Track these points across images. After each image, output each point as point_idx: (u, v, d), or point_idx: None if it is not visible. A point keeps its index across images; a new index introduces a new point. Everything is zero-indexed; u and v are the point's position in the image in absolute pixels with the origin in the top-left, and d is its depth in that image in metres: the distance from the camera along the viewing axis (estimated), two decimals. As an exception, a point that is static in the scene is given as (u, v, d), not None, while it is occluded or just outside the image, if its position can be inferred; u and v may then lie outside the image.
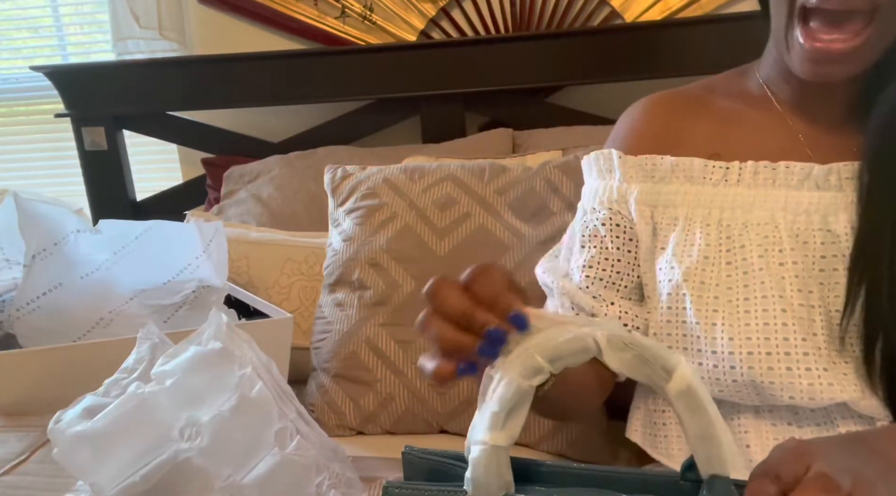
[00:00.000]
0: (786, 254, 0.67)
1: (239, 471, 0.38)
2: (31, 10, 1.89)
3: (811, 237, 0.68)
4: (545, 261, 0.83)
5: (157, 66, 1.64)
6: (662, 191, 0.73)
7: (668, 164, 0.73)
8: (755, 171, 0.70)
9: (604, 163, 0.78)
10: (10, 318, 0.93)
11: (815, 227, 0.68)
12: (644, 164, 0.74)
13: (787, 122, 0.73)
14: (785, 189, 0.70)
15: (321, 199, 1.33)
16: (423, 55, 1.55)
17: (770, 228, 0.69)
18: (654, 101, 0.80)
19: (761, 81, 0.76)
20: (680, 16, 1.54)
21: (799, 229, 0.68)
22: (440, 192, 1.14)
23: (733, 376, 0.67)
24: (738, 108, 0.76)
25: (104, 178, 1.72)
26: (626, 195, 0.75)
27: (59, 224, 0.95)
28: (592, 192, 0.79)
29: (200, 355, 0.40)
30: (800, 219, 0.69)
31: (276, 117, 1.72)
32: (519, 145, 1.55)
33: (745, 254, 0.68)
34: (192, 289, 1.00)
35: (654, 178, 0.74)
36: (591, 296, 0.74)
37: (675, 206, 0.72)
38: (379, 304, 1.09)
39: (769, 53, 0.75)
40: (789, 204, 0.69)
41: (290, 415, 0.43)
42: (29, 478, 0.74)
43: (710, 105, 0.77)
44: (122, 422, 0.34)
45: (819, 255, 0.67)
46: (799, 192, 0.69)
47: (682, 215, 0.72)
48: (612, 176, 0.77)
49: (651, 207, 0.73)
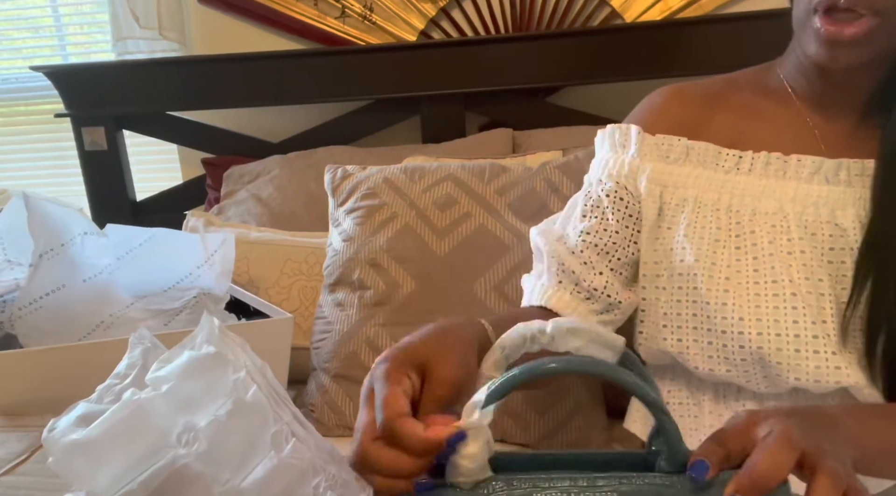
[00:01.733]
0: (794, 243, 0.69)
1: (237, 476, 0.38)
2: (31, 10, 1.90)
3: (819, 229, 0.69)
4: (542, 225, 0.84)
5: (157, 66, 1.64)
6: (675, 172, 0.75)
7: (683, 146, 0.75)
8: (767, 161, 0.72)
9: (620, 137, 0.79)
10: (11, 318, 0.93)
11: (824, 220, 0.69)
12: (660, 143, 0.76)
13: (805, 116, 0.75)
14: (795, 181, 0.71)
15: (321, 199, 1.33)
16: (423, 55, 1.55)
17: (779, 218, 0.70)
18: (676, 89, 0.81)
19: (782, 77, 0.77)
20: (680, 16, 1.54)
21: (807, 221, 0.70)
22: (440, 192, 1.15)
23: (742, 355, 0.69)
24: (756, 102, 0.77)
25: (104, 178, 1.72)
26: (637, 171, 0.76)
27: (67, 225, 0.96)
28: (602, 164, 0.80)
29: (195, 360, 0.40)
30: (808, 210, 0.70)
31: (276, 117, 1.72)
32: (519, 145, 1.55)
33: (756, 240, 0.70)
34: (192, 295, 1.00)
35: (668, 159, 0.75)
36: (581, 262, 0.75)
37: (686, 188, 0.74)
38: (379, 304, 1.09)
39: (790, 51, 0.76)
40: (798, 196, 0.71)
41: (285, 418, 0.43)
42: (29, 478, 0.75)
43: (730, 98, 0.79)
44: (118, 429, 0.34)
45: (828, 248, 0.69)
46: (809, 185, 0.71)
47: (691, 197, 0.74)
48: (625, 150, 0.78)
49: (661, 186, 0.75)
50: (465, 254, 1.09)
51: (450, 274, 1.08)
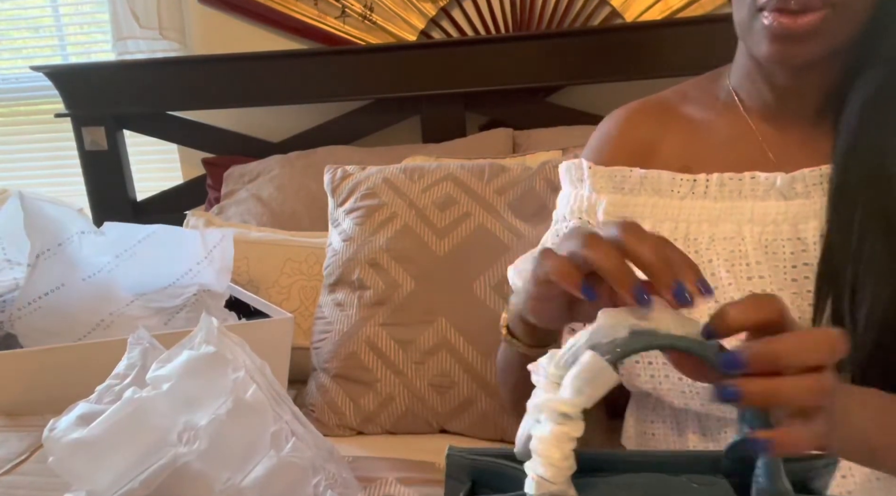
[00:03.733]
0: (752, 268, 0.66)
1: (237, 475, 0.38)
2: (31, 10, 1.89)
3: (780, 248, 0.67)
4: (520, 262, 0.83)
5: (157, 66, 1.64)
6: (630, 203, 0.73)
7: (637, 176, 0.73)
8: (721, 182, 0.69)
9: (575, 172, 0.77)
10: (10, 318, 0.93)
11: (784, 237, 0.67)
12: (614, 175, 0.74)
13: (753, 130, 0.72)
14: (751, 200, 0.68)
15: (321, 199, 1.33)
16: (423, 55, 1.55)
17: (736, 242, 0.68)
18: (628, 112, 0.79)
19: (730, 87, 0.75)
20: (680, 16, 1.54)
21: (767, 240, 0.67)
22: (440, 191, 1.15)
23: None
24: (706, 118, 0.75)
25: (104, 178, 1.72)
26: (596, 205, 0.74)
27: (64, 224, 0.96)
28: (565, 200, 0.79)
29: (194, 359, 0.40)
30: (767, 229, 0.67)
31: (276, 117, 1.72)
32: (519, 145, 1.55)
33: (713, 269, 0.67)
34: (192, 292, 1.00)
35: (623, 190, 0.73)
36: None
37: (643, 219, 0.71)
38: (379, 304, 1.09)
39: (738, 58, 0.74)
40: (756, 215, 0.68)
41: (285, 417, 0.43)
42: (29, 478, 0.75)
43: (681, 115, 0.76)
44: (119, 428, 0.34)
45: (790, 265, 0.66)
46: (765, 203, 0.68)
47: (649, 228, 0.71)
48: (582, 185, 0.76)
49: (619, 219, 0.72)
50: (465, 253, 1.09)
51: (449, 274, 1.09)
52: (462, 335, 1.05)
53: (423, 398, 1.05)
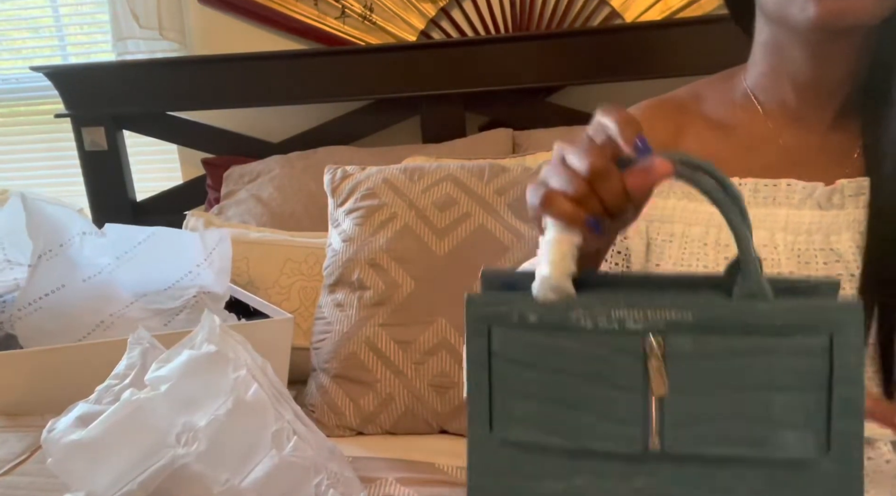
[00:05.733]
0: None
1: (237, 475, 0.38)
2: (31, 10, 1.89)
3: (812, 258, 0.66)
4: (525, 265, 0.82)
5: (157, 66, 1.64)
6: (659, 205, 0.71)
7: None
8: (755, 188, 0.68)
9: None
10: (11, 319, 0.93)
11: (817, 248, 0.66)
12: None
13: (772, 133, 0.70)
14: (786, 208, 0.67)
15: (321, 199, 1.33)
16: (423, 55, 1.55)
17: (769, 250, 0.66)
18: (644, 110, 0.76)
19: (747, 88, 0.73)
20: (680, 16, 1.54)
21: (800, 250, 0.66)
22: (440, 192, 1.14)
23: None
24: (725, 121, 0.73)
25: (104, 178, 1.72)
26: None
27: (66, 225, 0.96)
28: None
29: (194, 359, 0.39)
30: (800, 239, 0.66)
31: (276, 117, 1.72)
32: (519, 145, 1.54)
33: None
34: (192, 294, 1.00)
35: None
36: None
37: (672, 223, 0.70)
38: (379, 305, 1.09)
39: (755, 56, 0.72)
40: (790, 224, 0.67)
41: (286, 416, 0.43)
42: (29, 478, 0.75)
43: (699, 115, 0.75)
44: (117, 430, 0.34)
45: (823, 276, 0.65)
46: (800, 212, 0.67)
47: (678, 232, 0.70)
48: None
49: (647, 221, 0.71)
50: (465, 254, 1.09)
51: (449, 274, 1.08)
52: (462, 335, 1.05)
53: (422, 398, 1.05)
